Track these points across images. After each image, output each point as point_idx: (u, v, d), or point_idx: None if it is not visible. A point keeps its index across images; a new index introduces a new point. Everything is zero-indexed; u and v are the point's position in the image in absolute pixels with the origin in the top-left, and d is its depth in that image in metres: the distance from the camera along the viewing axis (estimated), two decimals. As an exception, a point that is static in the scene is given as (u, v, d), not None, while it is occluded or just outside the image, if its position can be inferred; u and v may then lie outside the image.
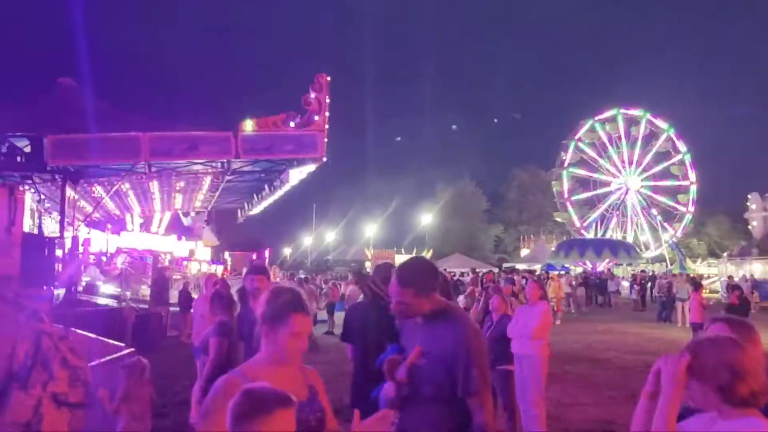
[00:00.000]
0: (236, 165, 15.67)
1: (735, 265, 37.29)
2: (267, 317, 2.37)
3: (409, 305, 2.83)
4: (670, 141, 54.65)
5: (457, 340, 2.76)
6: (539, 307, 7.12)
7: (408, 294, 2.81)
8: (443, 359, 2.76)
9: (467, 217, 62.83)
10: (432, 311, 2.85)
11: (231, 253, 39.33)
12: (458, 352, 2.74)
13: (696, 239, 61.48)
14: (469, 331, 2.83)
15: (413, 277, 2.85)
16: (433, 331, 2.83)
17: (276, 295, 2.42)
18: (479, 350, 2.80)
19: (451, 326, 2.81)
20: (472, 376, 2.71)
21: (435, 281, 2.92)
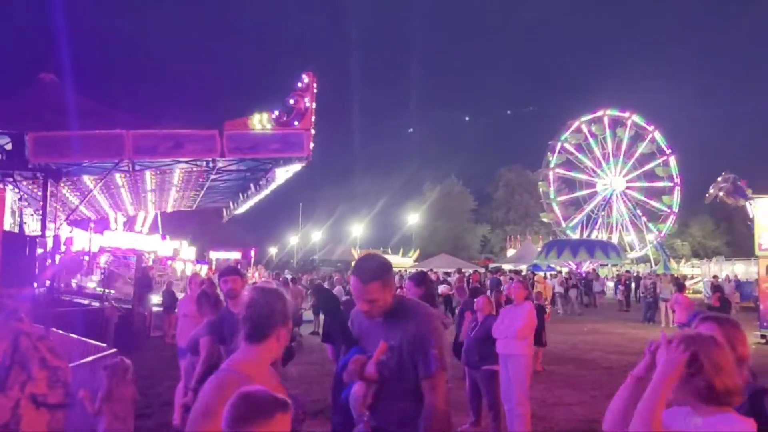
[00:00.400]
0: (221, 164, 15.55)
1: (718, 266, 37.66)
2: (281, 318, 2.39)
3: (378, 301, 2.86)
4: (655, 143, 55.13)
5: (419, 327, 2.83)
6: (524, 307, 7.13)
7: (375, 289, 2.84)
8: (409, 350, 2.80)
9: (454, 217, 62.99)
10: (392, 306, 2.91)
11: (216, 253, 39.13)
12: (419, 338, 2.80)
13: (680, 240, 62.07)
14: (429, 316, 2.92)
15: (375, 272, 2.88)
16: (395, 324, 2.88)
17: (282, 297, 2.45)
18: (439, 333, 2.88)
19: (412, 316, 2.88)
20: (431, 355, 2.77)
21: (393, 276, 3.00)
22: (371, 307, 2.88)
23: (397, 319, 2.89)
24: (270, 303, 2.40)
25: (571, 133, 54.60)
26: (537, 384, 9.56)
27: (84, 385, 5.17)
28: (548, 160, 54.51)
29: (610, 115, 54.98)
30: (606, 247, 42.62)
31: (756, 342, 15.77)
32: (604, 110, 54.96)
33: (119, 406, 5.00)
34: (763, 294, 16.70)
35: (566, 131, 54.61)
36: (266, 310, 2.38)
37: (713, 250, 56.40)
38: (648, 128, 54.95)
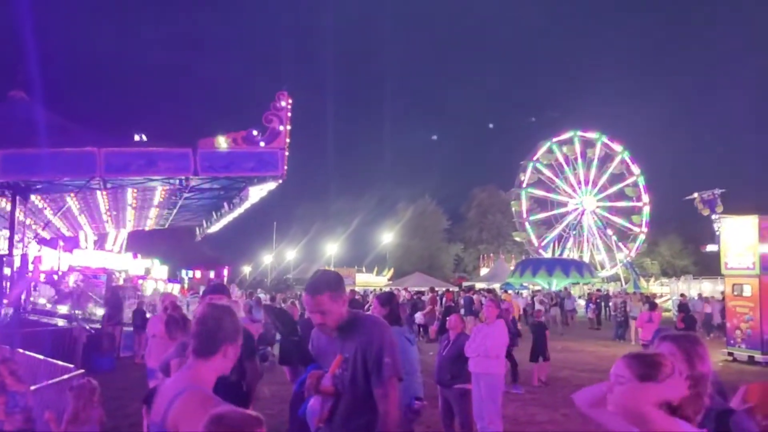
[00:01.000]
0: (195, 182, 15.44)
1: (686, 284, 38.30)
2: (230, 335, 2.43)
3: (329, 313, 2.93)
4: (624, 163, 56.18)
5: (370, 337, 2.90)
6: (496, 325, 7.20)
7: (324, 301, 2.92)
8: (362, 361, 2.87)
9: (428, 236, 63.19)
10: (347, 321, 2.98)
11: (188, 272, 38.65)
12: (371, 348, 2.87)
13: (649, 259, 63.02)
14: (381, 327, 3.00)
15: (323, 284, 2.98)
16: (349, 337, 2.96)
17: (231, 313, 2.50)
18: (391, 342, 2.94)
19: (364, 328, 2.96)
20: (383, 363, 2.83)
21: (344, 288, 3.08)
22: (324, 319, 2.95)
23: (351, 332, 2.97)
24: (219, 319, 2.44)
25: (542, 154, 55.40)
26: (509, 402, 9.62)
27: (50, 406, 5.09)
28: (520, 180, 55.18)
29: (581, 136, 55.97)
30: (580, 266, 43.17)
31: (723, 360, 16.07)
32: (575, 131, 55.94)
33: (86, 428, 4.92)
34: (730, 312, 17.04)
35: (538, 151, 55.41)
36: (215, 325, 2.42)
37: (681, 269, 57.38)
38: (617, 149, 56.03)
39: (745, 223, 16.80)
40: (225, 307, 2.56)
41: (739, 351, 16.24)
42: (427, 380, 8.48)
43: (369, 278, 46.25)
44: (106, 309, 15.42)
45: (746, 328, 16.15)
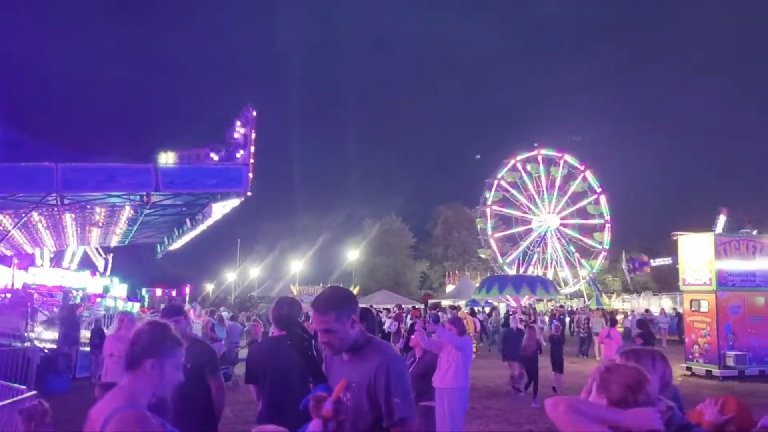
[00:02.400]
0: (156, 198, 15.17)
1: (647, 300, 39.07)
2: (154, 350, 2.41)
3: (335, 333, 2.79)
4: (587, 181, 57.26)
5: (378, 369, 2.74)
6: (461, 341, 7.20)
7: (329, 320, 2.78)
8: (367, 391, 2.73)
9: (394, 254, 63.21)
10: (356, 343, 2.84)
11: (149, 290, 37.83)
12: (379, 382, 2.72)
13: (611, 275, 64.12)
14: (391, 359, 2.80)
15: (331, 302, 2.83)
16: (358, 363, 2.82)
17: (160, 329, 2.50)
18: (400, 378, 2.76)
19: (374, 356, 2.79)
20: (393, 404, 2.69)
21: (355, 307, 2.90)
22: (330, 338, 2.80)
23: (361, 358, 2.83)
24: (147, 333, 2.46)
25: (507, 171, 56.13)
26: (474, 419, 9.60)
27: (2, 429, 4.88)
28: (485, 198, 55.76)
29: (545, 154, 56.92)
30: (546, 283, 43.67)
31: (682, 374, 16.35)
32: (539, 149, 56.88)
33: (37, 452, 4.72)
34: (688, 327, 17.39)
35: (503, 169, 56.12)
36: (140, 340, 2.44)
37: (642, 285, 58.51)
38: (580, 167, 57.12)
39: (702, 240, 17.24)
40: (158, 323, 2.56)
41: (697, 365, 16.56)
42: (391, 398, 8.40)
43: (334, 296, 45.94)
44: (62, 328, 14.95)
45: (704, 343, 16.50)
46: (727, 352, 15.93)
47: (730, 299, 16.32)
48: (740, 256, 16.65)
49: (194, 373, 4.44)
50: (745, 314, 16.30)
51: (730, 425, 2.96)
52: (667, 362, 2.66)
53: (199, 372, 4.63)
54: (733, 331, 16.11)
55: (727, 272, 16.43)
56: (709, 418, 3.01)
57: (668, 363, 2.67)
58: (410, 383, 2.86)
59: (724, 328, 16.10)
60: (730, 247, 16.67)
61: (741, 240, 17.20)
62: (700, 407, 3.13)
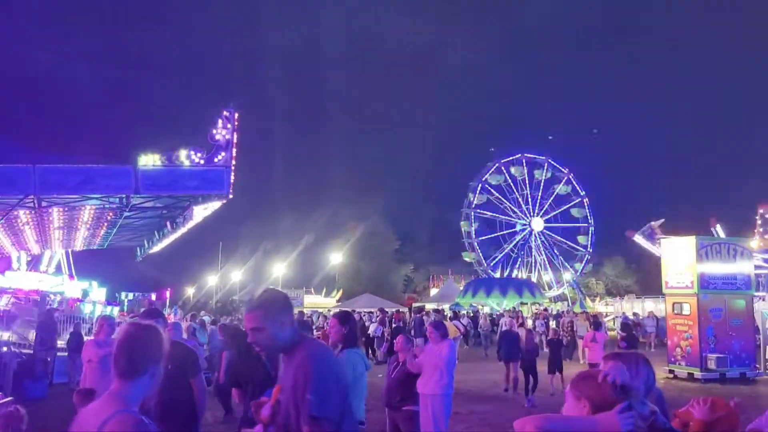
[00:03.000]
0: (136, 201, 14.95)
1: (630, 303, 39.31)
2: (155, 356, 2.38)
3: (262, 331, 2.79)
4: (571, 185, 57.68)
5: (299, 367, 2.74)
6: (444, 345, 7.12)
7: (257, 317, 2.79)
8: (293, 391, 2.72)
9: (377, 257, 63.09)
10: (290, 345, 2.83)
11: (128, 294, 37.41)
12: (299, 380, 2.71)
13: (594, 279, 64.56)
14: (312, 356, 2.78)
15: (260, 302, 2.87)
16: (289, 365, 2.82)
17: (155, 333, 2.43)
18: (320, 377, 2.72)
19: (299, 356, 2.79)
20: (307, 401, 2.65)
21: (285, 309, 2.91)
22: (257, 337, 2.80)
23: (292, 359, 2.82)
24: (147, 339, 2.38)
25: (491, 174, 56.37)
26: (457, 423, 9.52)
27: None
28: (470, 201, 55.91)
29: (529, 158, 57.27)
30: (531, 286, 43.96)
31: (665, 377, 16.41)
32: (523, 153, 57.22)
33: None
34: (670, 330, 17.47)
35: (487, 172, 56.34)
36: (142, 345, 2.36)
37: (625, 288, 58.97)
38: (564, 171, 57.51)
39: (685, 243, 17.33)
40: (150, 326, 2.48)
41: (679, 368, 16.64)
42: (375, 403, 8.31)
43: (317, 299, 45.75)
44: (39, 333, 14.68)
45: (686, 345, 16.57)
46: (708, 354, 16.02)
47: (712, 302, 16.42)
48: (721, 260, 16.76)
49: (176, 375, 4.40)
50: (726, 317, 16.40)
51: (718, 425, 2.96)
52: (650, 365, 2.65)
53: (181, 374, 4.62)
54: (714, 334, 16.21)
55: (709, 275, 16.54)
56: (699, 415, 3.00)
57: (651, 366, 2.65)
58: (335, 384, 2.78)
59: (706, 331, 16.19)
60: (711, 250, 16.78)
61: (722, 243, 17.34)
62: (688, 407, 3.11)
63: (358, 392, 4.85)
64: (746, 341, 16.50)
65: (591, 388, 2.27)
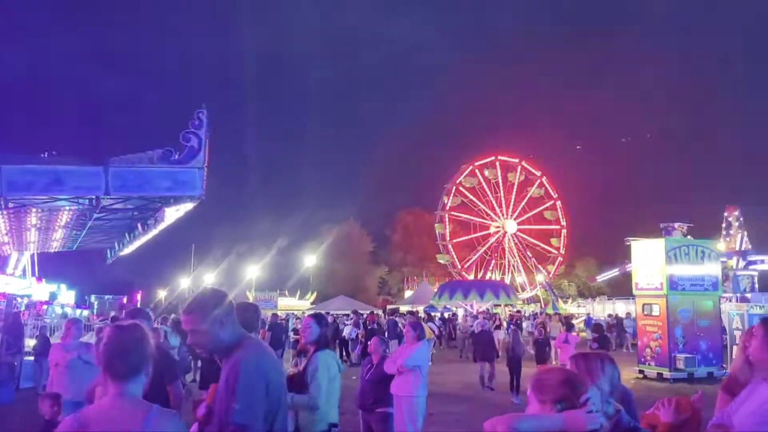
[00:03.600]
0: (106, 202, 14.69)
1: (601, 305, 39.88)
2: (149, 354, 2.41)
3: (201, 333, 2.78)
4: (543, 188, 58.30)
5: (230, 372, 2.73)
6: (416, 347, 7.14)
7: (195, 319, 2.78)
8: (225, 393, 2.73)
9: (352, 259, 63.02)
10: (229, 345, 2.83)
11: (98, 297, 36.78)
12: (229, 386, 2.71)
13: (566, 280, 65.31)
14: (242, 361, 2.75)
15: (197, 303, 2.85)
16: (226, 365, 2.82)
17: (144, 333, 2.44)
18: (247, 384, 2.69)
19: (234, 358, 2.78)
20: (232, 409, 2.64)
21: (223, 308, 2.87)
22: (196, 339, 2.80)
23: (229, 359, 2.82)
24: (140, 339, 2.39)
25: (465, 177, 56.70)
26: (431, 424, 9.53)
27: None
28: (444, 203, 56.16)
29: (503, 160, 57.74)
30: (507, 289, 44.25)
31: (635, 377, 16.66)
32: (497, 155, 57.66)
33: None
34: (641, 331, 17.74)
35: (461, 175, 56.66)
36: (139, 346, 2.38)
37: (597, 290, 59.75)
38: (537, 173, 58.11)
39: (654, 246, 17.63)
40: (136, 325, 2.48)
41: (648, 368, 16.90)
42: (348, 406, 8.28)
43: (291, 302, 45.49)
44: (5, 336, 14.35)
45: (655, 346, 16.84)
46: (677, 354, 16.30)
47: (680, 303, 16.71)
48: (690, 262, 17.08)
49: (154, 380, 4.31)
50: (694, 318, 16.71)
51: (684, 427, 3.02)
52: (615, 365, 2.69)
53: (158, 380, 4.52)
54: (683, 335, 16.49)
55: (678, 277, 16.83)
56: (665, 418, 3.05)
57: (616, 366, 2.70)
58: (263, 391, 2.76)
59: (675, 332, 16.47)
60: (680, 252, 17.09)
61: (690, 246, 17.66)
62: (654, 408, 3.16)
63: (332, 394, 4.83)
64: (713, 341, 16.82)
65: (551, 390, 2.32)
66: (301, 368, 4.86)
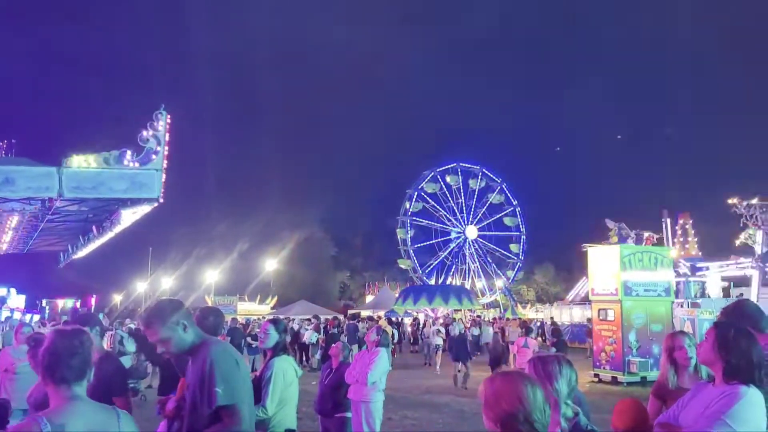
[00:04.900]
0: (60, 204, 14.30)
1: (558, 310, 40.53)
2: (87, 360, 2.42)
3: (168, 341, 2.94)
4: (503, 194, 59.07)
5: (204, 363, 2.89)
6: (375, 352, 7.14)
7: (158, 330, 2.94)
8: (199, 387, 2.87)
9: (314, 264, 62.66)
10: (194, 346, 3.00)
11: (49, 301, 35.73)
12: (204, 375, 2.87)
13: (525, 286, 66.24)
14: (215, 354, 2.95)
15: (154, 314, 3.01)
16: (194, 364, 2.98)
17: (82, 338, 2.45)
18: (225, 369, 2.91)
19: (202, 355, 2.95)
20: (215, 393, 2.82)
21: (181, 312, 3.04)
22: (166, 347, 2.95)
23: (196, 358, 2.97)
24: (75, 345, 2.40)
25: (427, 183, 57.07)
26: (389, 430, 9.54)
27: None
28: (406, 208, 56.39)
29: (464, 167, 58.32)
30: (469, 294, 44.60)
31: (590, 381, 16.98)
32: (458, 162, 58.23)
33: None
34: (596, 336, 18.09)
35: (423, 180, 57.01)
36: (85, 350, 2.41)
37: (554, 295, 60.76)
38: (497, 180, 58.86)
39: (610, 252, 18.03)
40: (77, 330, 2.52)
41: (603, 372, 17.24)
42: (307, 411, 8.23)
43: (251, 306, 44.95)
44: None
45: (610, 350, 17.20)
46: (631, 358, 16.67)
47: (634, 308, 17.10)
48: (643, 268, 17.50)
49: (102, 391, 4.18)
50: (647, 322, 17.12)
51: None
52: (573, 367, 2.74)
53: (105, 391, 4.37)
54: (636, 339, 16.88)
55: (632, 282, 17.23)
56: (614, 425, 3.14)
57: (574, 368, 2.75)
58: (239, 374, 2.99)
59: (629, 336, 16.85)
60: (634, 258, 17.50)
61: (644, 252, 18.10)
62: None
63: (289, 400, 4.79)
64: (666, 345, 17.28)
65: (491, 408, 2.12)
66: (258, 374, 4.82)
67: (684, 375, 3.76)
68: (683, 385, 3.68)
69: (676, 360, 3.79)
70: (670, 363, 3.80)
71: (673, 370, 3.78)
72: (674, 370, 3.78)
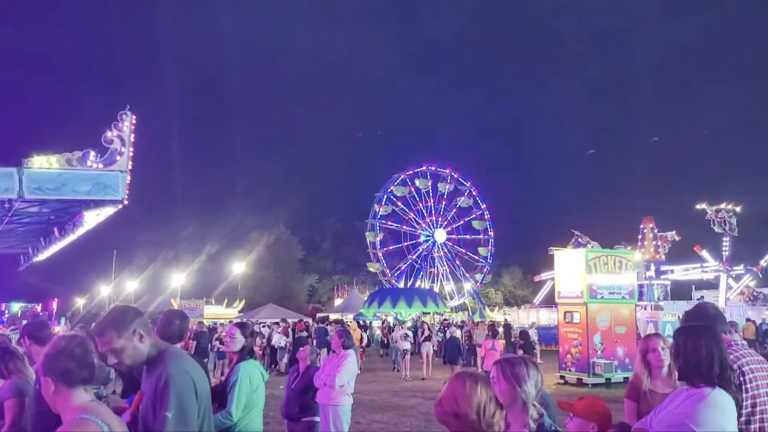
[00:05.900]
0: (20, 205, 13.93)
1: (526, 313, 40.99)
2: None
3: (122, 351, 2.75)
4: (472, 198, 59.50)
5: (158, 380, 2.72)
6: (343, 356, 7.12)
7: (112, 338, 2.74)
8: (152, 402, 2.72)
9: (282, 267, 62.19)
10: (149, 356, 2.82)
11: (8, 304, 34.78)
12: (156, 393, 2.70)
13: (493, 289, 66.78)
14: (171, 371, 2.74)
15: (108, 322, 2.81)
16: (150, 375, 2.81)
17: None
18: (179, 392, 2.71)
19: (158, 370, 2.77)
20: (164, 418, 2.65)
21: (137, 321, 2.84)
22: (119, 358, 2.75)
23: (152, 369, 2.80)
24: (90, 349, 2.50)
25: (396, 186, 57.18)
26: (358, 434, 9.50)
27: None
28: (375, 211, 56.41)
29: (433, 170, 58.60)
30: (435, 296, 44.78)
31: (556, 382, 17.19)
32: (428, 165, 58.49)
33: None
34: (562, 338, 18.33)
35: (392, 184, 57.11)
36: (88, 354, 2.49)
37: (522, 298, 61.38)
38: (466, 184, 59.28)
39: (575, 255, 18.30)
40: (86, 337, 2.62)
41: (569, 374, 17.48)
42: (273, 415, 8.15)
43: (218, 310, 44.41)
44: None
45: (576, 352, 17.44)
46: (596, 360, 16.93)
47: (599, 311, 17.38)
48: (608, 271, 17.80)
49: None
50: (612, 325, 17.41)
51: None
52: (539, 369, 2.77)
53: None
54: (601, 341, 17.15)
55: (597, 286, 17.52)
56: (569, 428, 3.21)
57: (539, 370, 2.78)
58: (192, 397, 2.78)
59: (594, 338, 17.11)
60: (599, 262, 17.79)
61: (609, 256, 18.42)
62: None
63: (255, 404, 4.75)
64: (629, 347, 17.55)
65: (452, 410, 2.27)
66: (224, 378, 4.76)
67: (657, 377, 3.84)
68: (655, 388, 3.76)
69: (650, 362, 3.86)
70: (644, 365, 3.87)
71: (647, 372, 3.85)
72: (648, 372, 3.85)
